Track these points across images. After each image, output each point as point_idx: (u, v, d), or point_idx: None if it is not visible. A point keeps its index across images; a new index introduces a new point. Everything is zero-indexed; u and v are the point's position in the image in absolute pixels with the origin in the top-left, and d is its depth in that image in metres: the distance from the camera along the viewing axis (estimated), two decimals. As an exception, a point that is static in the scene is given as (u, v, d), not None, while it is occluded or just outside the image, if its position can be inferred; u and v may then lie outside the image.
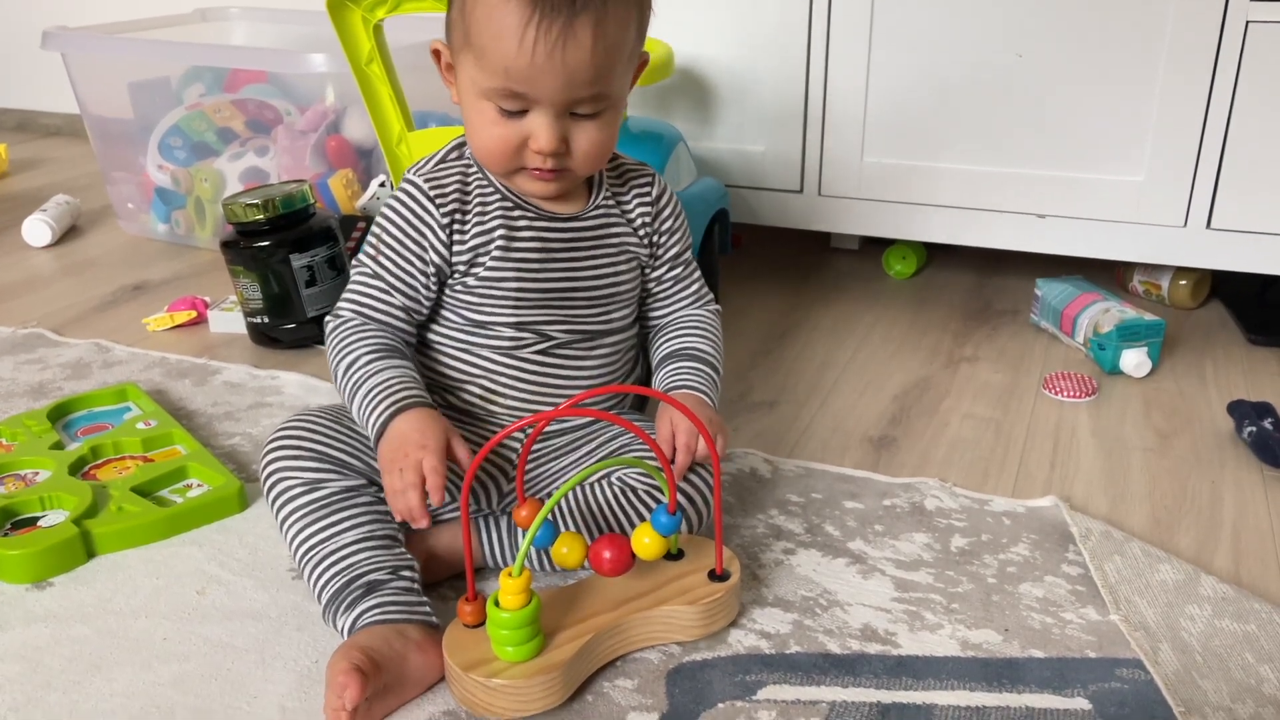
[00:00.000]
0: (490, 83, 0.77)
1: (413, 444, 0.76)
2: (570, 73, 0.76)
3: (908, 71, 1.35)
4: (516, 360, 0.88)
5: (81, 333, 1.41)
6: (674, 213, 0.93)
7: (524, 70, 0.75)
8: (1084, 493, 1.02)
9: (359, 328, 0.84)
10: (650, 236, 0.92)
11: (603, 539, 0.78)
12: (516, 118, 0.79)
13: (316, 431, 0.85)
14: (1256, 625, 0.82)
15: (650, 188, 0.92)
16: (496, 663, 0.72)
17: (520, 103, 0.78)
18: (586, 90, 0.77)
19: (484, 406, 0.89)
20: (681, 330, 0.94)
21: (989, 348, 1.36)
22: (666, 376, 0.90)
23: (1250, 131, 1.23)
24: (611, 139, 0.83)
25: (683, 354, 0.92)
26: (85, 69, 1.78)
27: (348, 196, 1.55)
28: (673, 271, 0.95)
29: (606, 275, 0.89)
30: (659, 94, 1.48)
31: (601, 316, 0.89)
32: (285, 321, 1.34)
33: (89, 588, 0.88)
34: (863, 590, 0.87)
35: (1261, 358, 1.32)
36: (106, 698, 0.75)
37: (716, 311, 0.97)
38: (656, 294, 0.95)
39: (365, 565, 0.79)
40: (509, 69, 0.76)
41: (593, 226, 0.89)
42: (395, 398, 0.79)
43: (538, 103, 0.78)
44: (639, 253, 0.91)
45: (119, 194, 1.83)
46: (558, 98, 0.77)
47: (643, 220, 0.91)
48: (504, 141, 0.80)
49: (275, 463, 0.84)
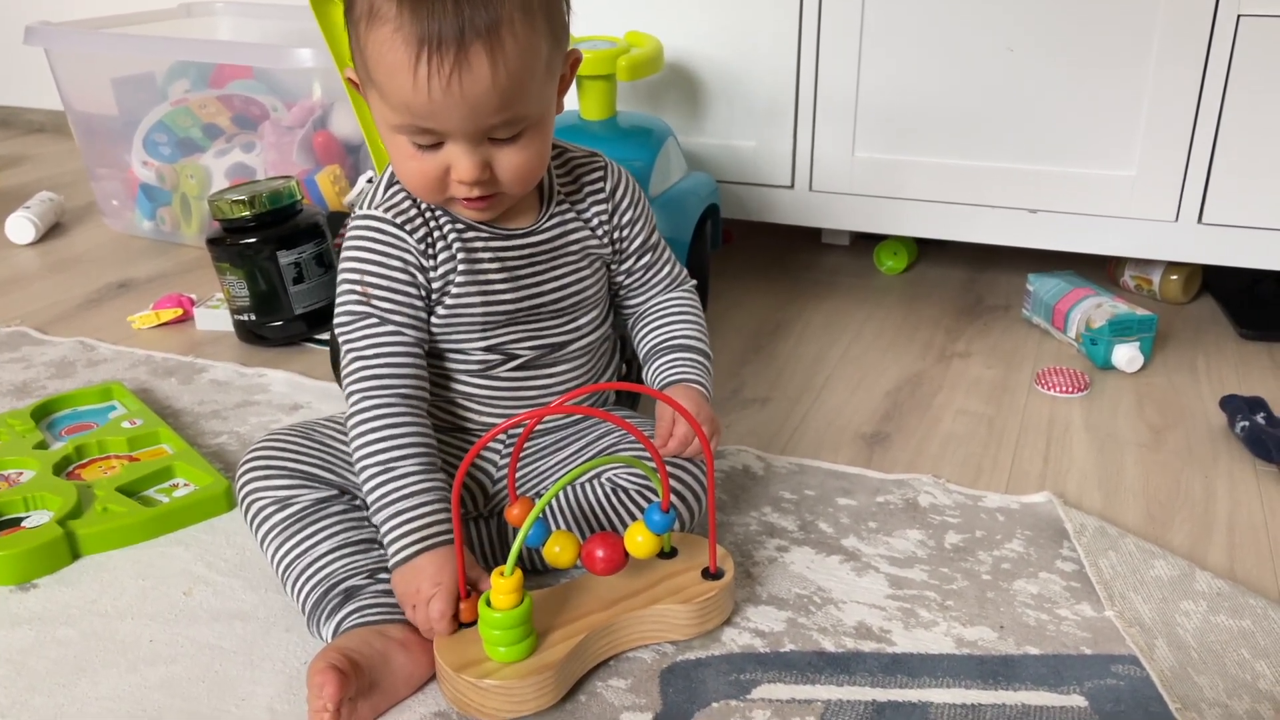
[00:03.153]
0: (397, 119, 0.74)
1: (427, 581, 0.74)
2: (473, 104, 0.72)
3: (899, 66, 1.35)
4: (489, 380, 0.87)
5: (66, 331, 1.40)
6: (633, 201, 0.90)
7: (424, 107, 0.71)
8: (1077, 488, 1.02)
9: (391, 417, 0.79)
10: (611, 233, 0.89)
11: (595, 537, 0.77)
12: (433, 150, 0.75)
13: (286, 449, 0.85)
14: (1252, 621, 0.81)
15: (603, 182, 0.89)
16: (488, 663, 0.72)
17: (431, 136, 0.74)
18: (496, 117, 0.73)
19: (462, 424, 0.88)
20: (665, 318, 0.93)
21: (981, 343, 1.36)
22: (661, 370, 0.90)
23: (1242, 126, 1.23)
24: (540, 157, 0.79)
25: (673, 345, 0.91)
26: (69, 65, 1.77)
27: (335, 192, 1.54)
28: (643, 260, 0.92)
29: (571, 284, 0.87)
30: (649, 89, 1.47)
31: (567, 326, 0.88)
32: (272, 319, 1.33)
33: (74, 589, 0.87)
34: (857, 587, 0.87)
35: (1253, 352, 1.32)
36: (92, 701, 0.74)
37: (693, 289, 0.96)
38: (629, 285, 0.93)
39: (342, 572, 0.79)
40: (409, 106, 0.72)
41: (550, 238, 0.86)
42: (422, 534, 0.76)
43: (448, 134, 0.74)
44: (602, 253, 0.89)
45: (104, 190, 1.81)
46: (467, 127, 0.73)
47: (600, 219, 0.89)
48: (424, 175, 0.77)
49: (248, 484, 0.84)
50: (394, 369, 0.81)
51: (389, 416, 0.79)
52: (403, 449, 0.78)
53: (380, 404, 0.80)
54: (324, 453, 0.86)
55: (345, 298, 0.83)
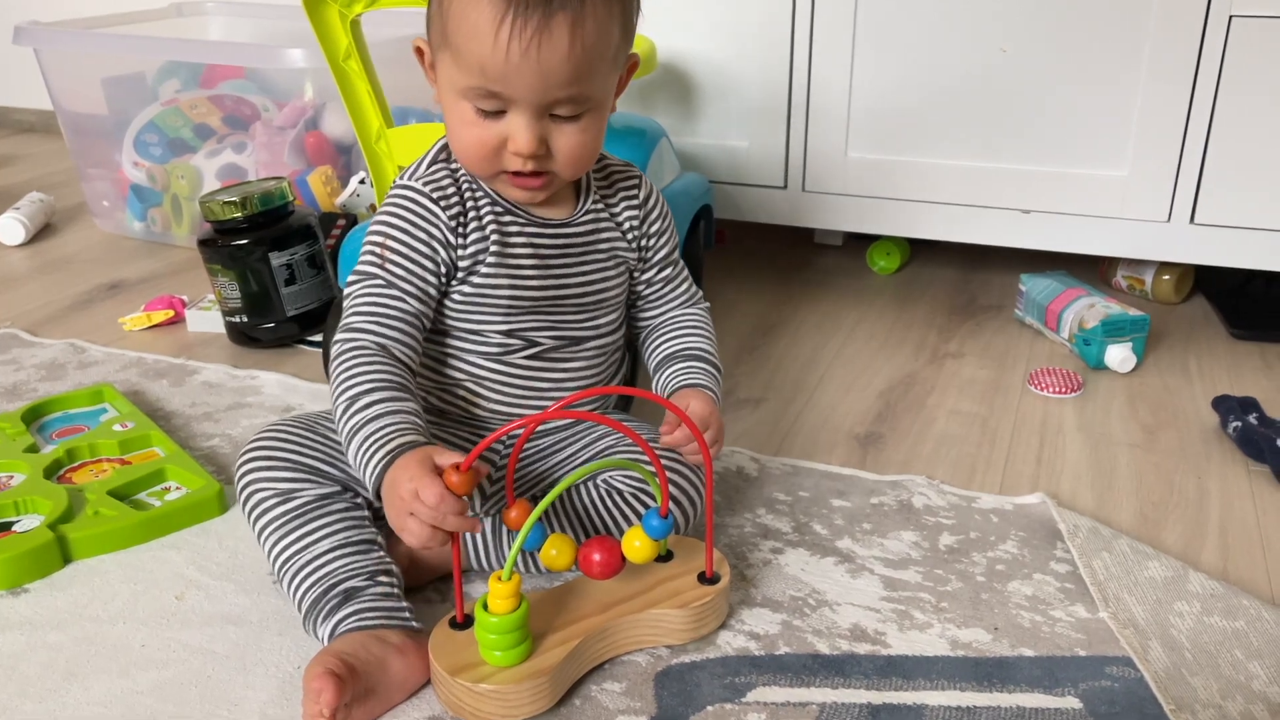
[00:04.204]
0: (466, 81, 0.76)
1: (404, 481, 0.70)
2: (546, 72, 0.74)
3: (892, 66, 1.35)
4: (503, 365, 0.86)
5: (56, 333, 1.39)
6: (661, 214, 0.92)
7: (499, 69, 0.73)
8: (1071, 489, 1.02)
9: (366, 360, 0.78)
10: (639, 240, 0.91)
11: (592, 541, 0.77)
12: (494, 118, 0.77)
13: (289, 440, 0.84)
14: (1245, 622, 0.82)
15: (637, 190, 0.91)
16: (484, 667, 0.71)
17: (497, 102, 0.76)
18: (564, 91, 0.76)
19: (468, 410, 0.88)
20: (678, 330, 0.93)
21: (974, 343, 1.36)
22: (672, 376, 0.90)
23: (1233, 126, 1.23)
24: (595, 143, 0.81)
25: (685, 354, 0.91)
26: (59, 65, 1.76)
27: (327, 193, 1.53)
28: (662, 273, 0.94)
29: (596, 282, 0.88)
30: (642, 89, 1.47)
31: (589, 322, 0.88)
32: (264, 320, 1.33)
33: (65, 593, 0.86)
34: (851, 589, 0.87)
35: (1245, 352, 1.33)
36: (83, 706, 0.74)
37: (707, 309, 0.96)
38: (647, 295, 0.94)
39: (342, 572, 0.78)
40: (484, 67, 0.74)
41: (583, 232, 0.87)
42: (389, 448, 0.72)
43: (514, 102, 0.76)
44: (628, 258, 0.90)
45: (94, 191, 1.80)
46: (534, 98, 0.75)
47: (631, 224, 0.90)
48: (482, 143, 0.78)
49: (249, 474, 0.83)
50: (385, 327, 0.80)
51: (366, 361, 0.77)
52: (375, 386, 0.76)
53: (359, 349, 0.78)
54: (327, 447, 0.85)
55: (364, 255, 0.83)
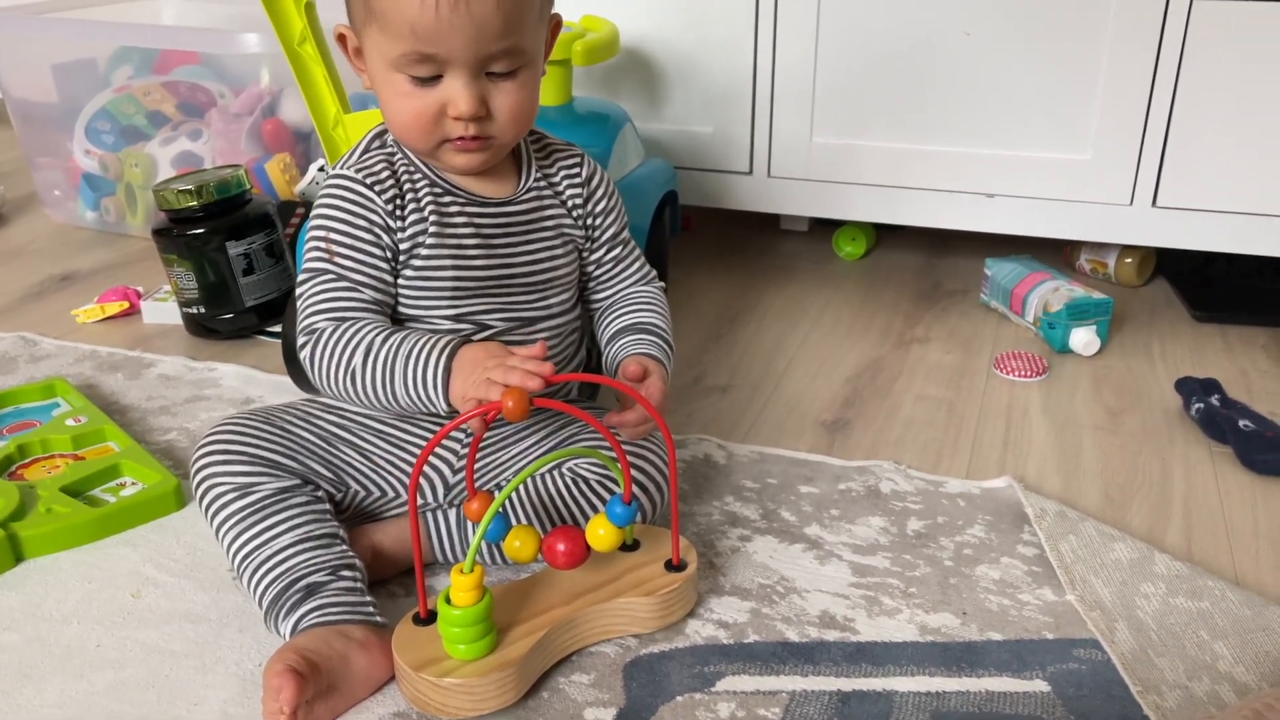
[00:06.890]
0: (398, 49, 0.75)
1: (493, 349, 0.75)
2: (479, 25, 0.73)
3: (857, 52, 1.34)
4: None
5: (6, 325, 1.36)
6: (607, 192, 0.91)
7: (430, 27, 0.73)
8: (1037, 472, 1.02)
9: (349, 326, 0.79)
10: (584, 219, 0.90)
11: (556, 531, 0.76)
12: (430, 85, 0.77)
13: (246, 434, 0.82)
14: (1210, 602, 0.82)
15: (579, 168, 0.90)
16: (448, 661, 0.70)
17: (432, 66, 0.75)
18: (498, 44, 0.75)
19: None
20: (630, 307, 0.92)
21: (940, 328, 1.36)
22: (620, 350, 0.89)
23: (1195, 110, 1.24)
24: (533, 101, 0.80)
25: (636, 328, 0.90)
26: (6, 50, 1.71)
27: (285, 181, 1.51)
28: (612, 252, 0.92)
29: (543, 260, 0.87)
30: (605, 74, 1.45)
31: (540, 302, 0.87)
32: (222, 311, 1.30)
33: (17, 593, 0.84)
34: (820, 576, 0.86)
35: (1206, 334, 1.34)
36: (38, 709, 0.72)
37: (662, 289, 0.95)
38: (598, 276, 0.93)
39: (304, 567, 0.77)
40: (415, 28, 0.73)
41: (526, 210, 0.86)
42: (440, 346, 0.76)
43: (449, 63, 0.75)
44: (574, 235, 0.89)
45: (45, 180, 1.76)
46: (469, 54, 0.75)
47: (574, 203, 0.89)
48: (419, 114, 0.77)
49: (205, 470, 0.81)
50: (349, 315, 0.80)
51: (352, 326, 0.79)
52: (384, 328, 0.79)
53: (334, 330, 0.79)
54: (286, 439, 0.83)
55: (309, 255, 0.82)
